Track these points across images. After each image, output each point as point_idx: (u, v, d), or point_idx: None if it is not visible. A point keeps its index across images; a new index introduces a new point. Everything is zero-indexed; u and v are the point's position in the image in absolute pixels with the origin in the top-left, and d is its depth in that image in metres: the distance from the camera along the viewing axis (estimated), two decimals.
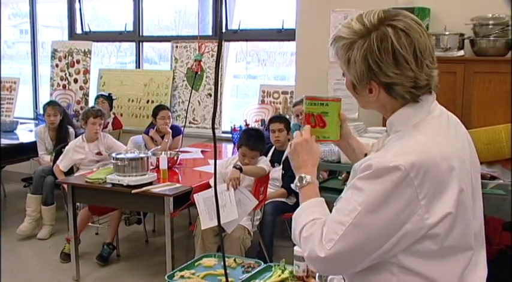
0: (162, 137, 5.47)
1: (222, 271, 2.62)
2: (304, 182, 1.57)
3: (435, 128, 1.41)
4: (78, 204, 4.56)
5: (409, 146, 1.35)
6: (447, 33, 4.48)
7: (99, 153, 5.12)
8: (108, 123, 6.21)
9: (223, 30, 6.34)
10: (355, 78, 1.42)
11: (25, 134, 6.60)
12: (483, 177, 3.77)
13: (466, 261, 1.42)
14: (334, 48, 1.45)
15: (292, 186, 1.63)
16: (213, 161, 4.88)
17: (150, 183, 4.02)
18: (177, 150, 5.12)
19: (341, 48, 1.42)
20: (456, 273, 1.41)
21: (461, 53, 4.52)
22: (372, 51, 1.36)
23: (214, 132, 1.43)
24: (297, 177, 1.60)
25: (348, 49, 1.40)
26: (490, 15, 4.47)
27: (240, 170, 3.94)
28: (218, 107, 6.27)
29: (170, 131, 5.48)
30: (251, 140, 4.16)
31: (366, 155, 1.73)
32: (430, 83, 1.42)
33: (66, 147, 5.17)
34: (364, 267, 1.39)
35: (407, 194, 1.30)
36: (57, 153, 5.27)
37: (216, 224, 3.79)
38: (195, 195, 3.89)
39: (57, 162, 5.11)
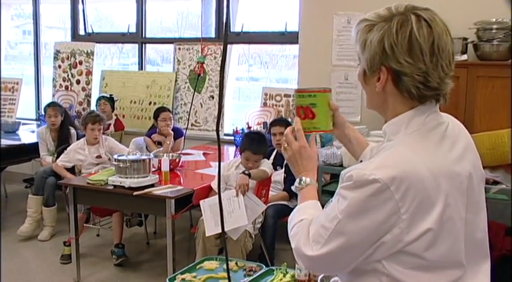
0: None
1: (224, 274, 2.62)
2: (303, 183, 1.61)
3: (425, 141, 1.38)
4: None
5: (392, 158, 1.33)
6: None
7: (99, 157, 5.11)
8: (110, 124, 6.21)
9: (224, 31, 6.33)
10: (367, 62, 1.39)
11: (27, 135, 6.60)
12: (486, 182, 3.77)
13: (454, 278, 1.39)
14: (356, 30, 1.43)
15: (292, 188, 1.65)
16: (215, 163, 4.90)
17: (152, 185, 4.01)
18: (179, 152, 5.12)
19: (362, 29, 1.41)
20: None
21: (465, 57, 4.51)
22: (390, 33, 1.34)
23: (218, 136, 1.42)
24: (297, 180, 1.64)
25: (368, 31, 1.39)
26: (494, 19, 4.46)
27: (249, 175, 3.94)
28: (218, 108, 6.26)
29: (171, 132, 5.48)
30: (254, 143, 4.16)
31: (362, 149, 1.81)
32: (440, 88, 1.38)
33: (69, 148, 5.18)
34: (351, 269, 1.40)
35: (388, 207, 1.29)
36: (59, 154, 5.28)
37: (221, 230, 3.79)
38: (201, 202, 3.88)
39: (57, 160, 5.12)
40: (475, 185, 1.43)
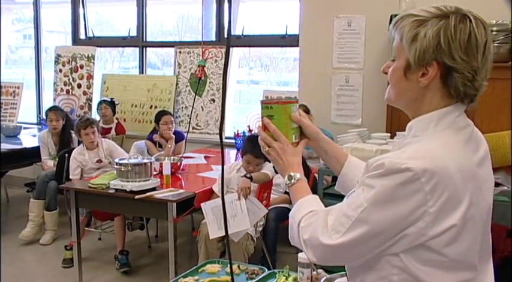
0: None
1: (226, 278, 2.62)
2: (294, 180, 1.59)
3: (454, 140, 1.38)
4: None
5: (424, 151, 1.33)
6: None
7: (99, 161, 5.09)
8: (112, 128, 6.22)
9: (227, 35, 6.35)
10: (415, 56, 1.36)
11: (28, 139, 6.61)
12: None
13: (465, 279, 1.40)
14: (398, 25, 1.41)
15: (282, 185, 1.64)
16: (216, 166, 4.90)
17: (153, 189, 4.01)
18: (180, 155, 5.12)
19: (409, 24, 1.38)
20: None
21: None
22: (447, 28, 1.34)
23: (221, 140, 1.41)
24: (285, 177, 1.61)
25: (419, 25, 1.36)
26: (494, 21, 4.47)
27: (251, 178, 3.94)
28: (221, 112, 6.28)
29: (173, 136, 5.48)
30: (256, 147, 4.14)
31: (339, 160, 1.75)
32: (481, 88, 1.40)
33: (71, 157, 5.10)
34: (364, 260, 1.39)
35: (417, 198, 1.28)
36: (61, 158, 5.27)
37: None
38: (202, 204, 3.88)
39: (71, 177, 5.05)
40: (490, 188, 1.45)
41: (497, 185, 3.78)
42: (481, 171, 1.41)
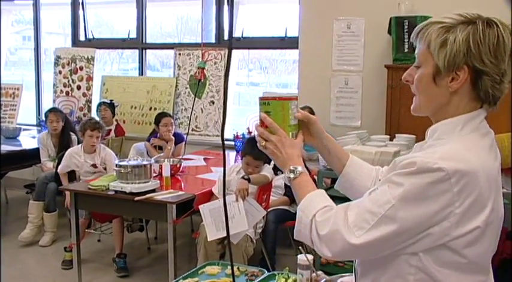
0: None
1: (226, 279, 2.62)
2: (296, 173, 1.56)
3: (480, 145, 1.41)
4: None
5: (455, 153, 1.34)
6: None
7: (94, 166, 5.07)
8: (111, 130, 6.22)
9: (226, 37, 6.36)
10: (446, 61, 1.38)
11: (28, 141, 6.61)
12: None
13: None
14: (425, 33, 1.42)
15: (284, 180, 1.62)
16: (215, 168, 4.91)
17: (153, 191, 4.01)
18: (180, 157, 5.12)
19: (436, 30, 1.40)
20: None
21: None
22: (476, 33, 1.36)
23: (223, 142, 1.41)
24: (286, 171, 1.57)
25: (447, 31, 1.38)
26: None
27: (248, 180, 3.94)
28: (222, 115, 6.29)
29: (173, 138, 5.48)
30: (256, 149, 4.15)
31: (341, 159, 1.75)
32: (505, 90, 1.42)
33: (67, 151, 5.16)
34: (379, 258, 1.40)
35: (445, 198, 1.30)
36: (60, 159, 5.27)
37: (223, 235, 3.79)
38: (200, 207, 3.88)
39: (58, 169, 5.11)
40: (502, 195, 1.47)
41: None
42: (499, 178, 1.44)
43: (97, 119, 5.74)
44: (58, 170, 5.10)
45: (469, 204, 1.31)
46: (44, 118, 6.12)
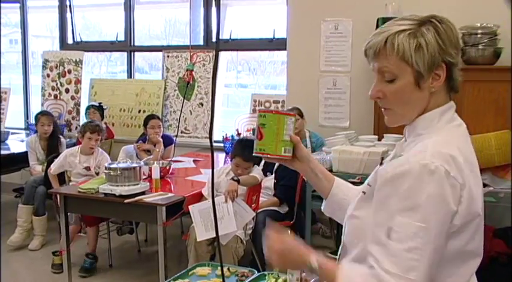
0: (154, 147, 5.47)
1: (216, 280, 2.63)
2: (315, 267, 1.46)
3: (458, 135, 1.46)
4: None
5: (439, 147, 1.37)
6: None
7: (87, 168, 5.06)
8: None
9: (215, 39, 6.37)
10: (425, 64, 1.41)
11: (16, 144, 6.58)
12: None
13: (475, 267, 1.46)
14: (395, 43, 1.42)
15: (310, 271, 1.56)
16: (205, 170, 4.92)
17: (143, 193, 4.01)
18: (169, 159, 5.12)
19: (407, 37, 1.41)
20: (466, 278, 1.45)
21: None
22: (439, 30, 1.42)
23: (211, 144, 1.41)
24: (306, 270, 1.53)
25: (415, 36, 1.41)
26: (479, 24, 4.52)
27: (238, 181, 3.95)
28: (210, 116, 6.30)
29: (161, 140, 5.49)
30: (246, 151, 4.17)
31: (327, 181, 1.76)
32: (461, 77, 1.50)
33: (62, 153, 5.15)
34: None
35: (455, 190, 1.33)
36: (49, 163, 5.26)
37: (212, 235, 3.79)
38: (190, 207, 3.89)
39: (51, 166, 5.09)
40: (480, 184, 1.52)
41: (483, 185, 3.83)
42: (477, 167, 1.48)
43: (82, 121, 5.72)
44: (51, 171, 5.07)
45: (469, 191, 1.35)
46: (32, 121, 6.09)
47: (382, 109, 1.52)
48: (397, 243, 1.32)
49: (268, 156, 1.63)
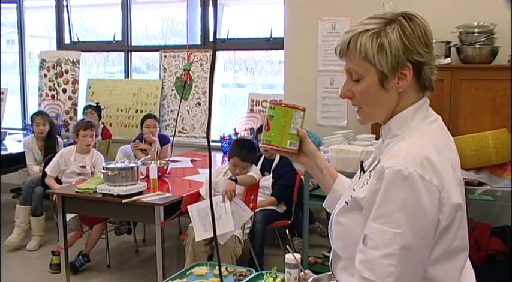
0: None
1: (214, 280, 2.63)
2: None
3: (433, 132, 1.44)
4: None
5: (416, 148, 1.36)
6: (434, 41, 4.51)
7: (83, 166, 5.07)
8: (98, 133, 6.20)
9: (212, 39, 6.37)
10: (389, 65, 1.40)
11: (13, 145, 6.56)
12: (471, 183, 3.82)
13: (465, 260, 1.45)
14: (357, 43, 1.42)
15: None
16: (203, 169, 4.91)
17: (140, 193, 4.01)
18: (167, 159, 5.12)
19: (369, 38, 1.41)
20: (458, 273, 1.43)
21: (448, 60, 4.58)
22: (406, 29, 1.40)
23: (209, 143, 1.41)
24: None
25: (378, 36, 1.40)
26: (476, 23, 4.53)
27: (235, 181, 3.95)
28: (208, 116, 6.32)
29: (156, 139, 5.49)
30: (243, 150, 4.18)
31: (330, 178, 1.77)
32: (435, 75, 1.48)
33: (58, 153, 5.15)
34: None
35: (433, 195, 1.31)
36: (46, 163, 5.25)
37: (211, 235, 3.80)
38: (188, 207, 3.89)
39: (47, 169, 5.09)
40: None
41: (480, 184, 3.83)
42: (457, 159, 1.47)
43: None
44: (48, 173, 5.05)
45: (447, 187, 1.33)
46: (29, 122, 6.09)
47: (355, 108, 1.52)
48: (373, 250, 1.32)
49: (274, 147, 1.64)
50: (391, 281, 1.30)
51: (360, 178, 1.55)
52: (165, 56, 6.57)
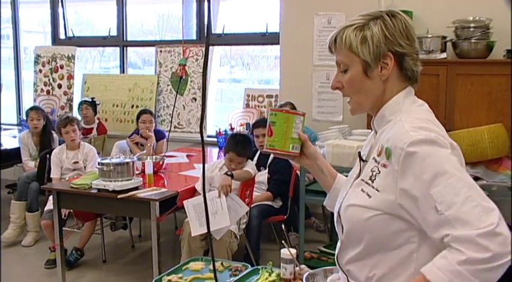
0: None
1: (210, 275, 2.63)
2: None
3: (424, 112, 1.55)
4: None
5: (418, 121, 1.47)
6: (430, 36, 4.53)
7: (76, 162, 5.05)
8: (93, 128, 6.19)
9: (206, 34, 6.35)
10: (371, 54, 1.52)
11: (8, 140, 6.54)
12: None
13: None
14: (342, 38, 1.56)
15: None
16: (198, 164, 4.91)
17: (136, 188, 4.00)
18: (163, 154, 5.11)
19: (353, 31, 1.54)
20: None
21: (444, 55, 4.58)
22: (387, 24, 1.53)
23: (202, 138, 1.42)
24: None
25: (362, 29, 1.54)
26: (471, 18, 4.53)
27: (231, 176, 3.95)
28: (201, 111, 6.28)
29: (152, 134, 5.48)
30: (239, 145, 4.17)
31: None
32: (419, 67, 1.58)
33: (51, 158, 5.10)
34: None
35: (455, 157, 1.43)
36: (42, 159, 5.24)
37: (206, 230, 3.79)
38: (184, 202, 3.89)
39: (51, 175, 5.05)
40: None
41: (476, 179, 3.84)
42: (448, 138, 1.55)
43: (78, 117, 5.71)
44: (53, 176, 5.01)
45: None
46: (24, 117, 6.07)
47: (347, 99, 1.64)
48: (450, 209, 1.33)
49: (277, 151, 1.73)
50: (495, 216, 1.34)
51: (360, 168, 1.61)
52: (161, 51, 6.56)
